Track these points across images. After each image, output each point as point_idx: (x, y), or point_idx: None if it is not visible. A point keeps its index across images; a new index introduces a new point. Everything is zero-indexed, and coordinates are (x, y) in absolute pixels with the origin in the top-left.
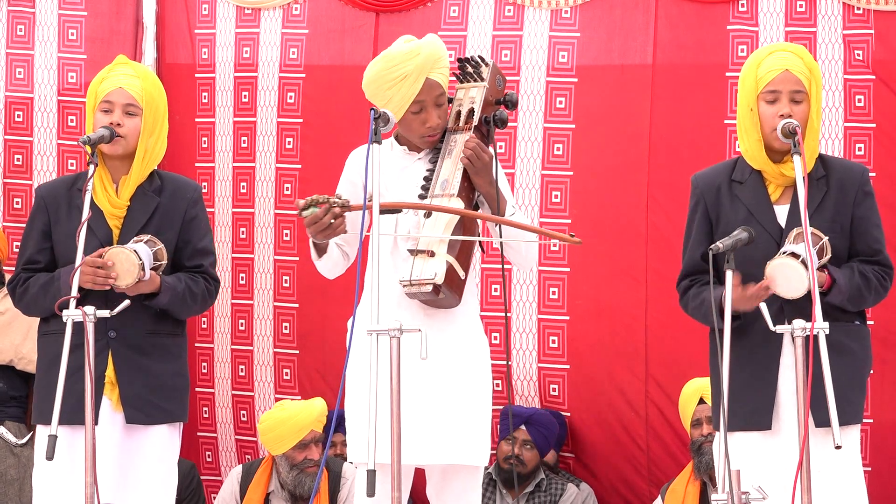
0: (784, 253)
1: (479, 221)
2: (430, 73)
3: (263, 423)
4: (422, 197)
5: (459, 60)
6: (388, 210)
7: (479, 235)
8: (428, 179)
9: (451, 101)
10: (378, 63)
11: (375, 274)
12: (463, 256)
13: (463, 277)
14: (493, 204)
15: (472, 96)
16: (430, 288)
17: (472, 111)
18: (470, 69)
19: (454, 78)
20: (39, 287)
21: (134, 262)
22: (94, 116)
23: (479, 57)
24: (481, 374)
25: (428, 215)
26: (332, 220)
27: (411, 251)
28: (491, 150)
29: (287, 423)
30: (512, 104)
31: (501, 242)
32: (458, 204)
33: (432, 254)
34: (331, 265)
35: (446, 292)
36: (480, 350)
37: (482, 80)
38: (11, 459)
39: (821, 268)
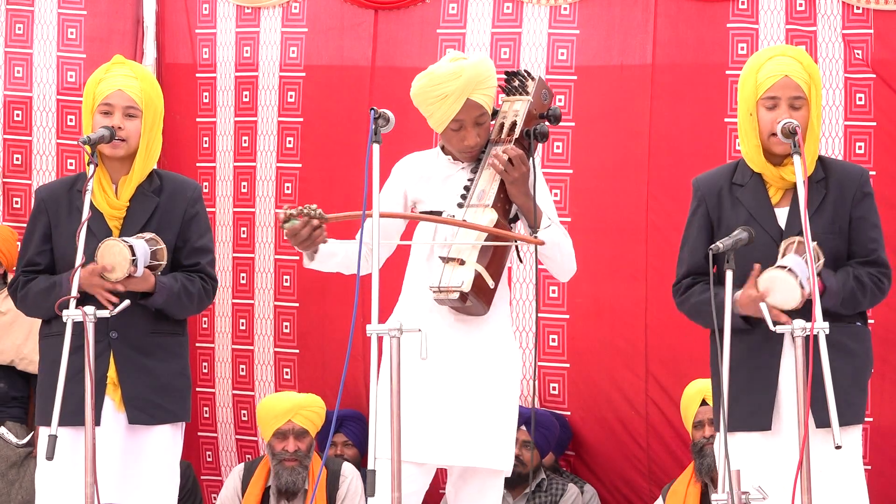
0: (775, 266)
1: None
2: (472, 94)
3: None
4: (459, 206)
5: (506, 73)
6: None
7: (513, 245)
8: (468, 189)
9: (496, 113)
10: (423, 79)
11: (376, 276)
12: (493, 265)
13: (492, 286)
14: (529, 216)
15: (517, 109)
16: (456, 295)
17: (514, 124)
18: (516, 83)
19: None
20: (40, 291)
21: (126, 256)
22: (93, 118)
23: (526, 71)
24: (509, 380)
25: None
26: (312, 232)
27: (443, 258)
28: (531, 162)
29: (267, 408)
30: (555, 118)
31: (537, 252)
32: (493, 215)
33: (462, 262)
34: (334, 267)
35: (473, 300)
36: (509, 356)
37: (527, 93)
38: (13, 459)
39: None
